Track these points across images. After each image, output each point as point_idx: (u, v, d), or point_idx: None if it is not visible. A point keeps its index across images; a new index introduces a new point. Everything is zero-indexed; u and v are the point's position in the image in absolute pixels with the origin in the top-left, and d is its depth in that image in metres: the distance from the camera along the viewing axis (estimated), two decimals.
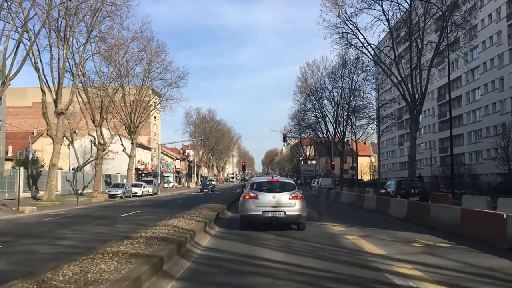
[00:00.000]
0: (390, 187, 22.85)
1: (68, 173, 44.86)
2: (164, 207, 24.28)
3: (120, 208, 24.59)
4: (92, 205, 29.24)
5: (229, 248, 9.13)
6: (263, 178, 14.30)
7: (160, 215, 17.57)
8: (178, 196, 43.07)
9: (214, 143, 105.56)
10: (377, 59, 32.44)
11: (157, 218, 15.11)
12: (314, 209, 19.61)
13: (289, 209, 11.68)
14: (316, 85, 60.25)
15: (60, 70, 31.08)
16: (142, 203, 30.02)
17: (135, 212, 20.37)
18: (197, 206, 17.29)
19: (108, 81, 40.05)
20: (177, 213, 14.30)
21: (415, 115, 30.53)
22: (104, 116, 39.51)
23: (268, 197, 11.84)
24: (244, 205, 12.10)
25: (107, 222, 15.62)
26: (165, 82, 49.31)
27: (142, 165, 70.11)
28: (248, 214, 11.96)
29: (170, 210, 20.71)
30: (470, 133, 60.48)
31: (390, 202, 17.57)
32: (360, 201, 22.71)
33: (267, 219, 11.76)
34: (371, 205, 20.19)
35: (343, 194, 28.12)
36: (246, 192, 12.50)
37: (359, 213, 19.16)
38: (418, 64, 30.56)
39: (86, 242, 10.17)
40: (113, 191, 39.60)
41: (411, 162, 30.01)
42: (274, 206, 11.67)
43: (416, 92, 30.66)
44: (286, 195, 11.88)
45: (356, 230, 12.31)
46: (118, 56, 40.17)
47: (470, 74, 59.45)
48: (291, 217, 11.79)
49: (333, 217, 16.46)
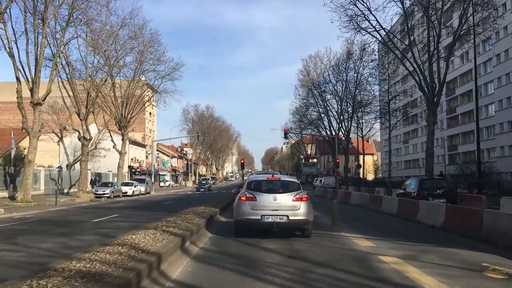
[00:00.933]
0: (410, 186, 19.67)
1: (52, 171, 41.65)
2: (148, 210, 21.15)
3: (99, 210, 21.49)
4: (72, 207, 26.16)
5: (212, 285, 5.94)
6: (262, 176, 12.24)
7: (138, 220, 14.69)
8: (171, 196, 39.93)
9: (213, 140, 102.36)
10: (390, 44, 29.09)
11: (132, 224, 12.67)
12: (323, 213, 16.55)
13: (292, 212, 9.90)
14: (319, 79, 56.97)
15: (38, 57, 27.89)
16: (128, 204, 26.95)
17: (111, 217, 17.20)
18: (185, 210, 14.43)
19: (95, 71, 36.67)
20: (160, 217, 11.77)
21: (433, 107, 27.31)
22: (90, 109, 36.26)
23: (268, 198, 10.09)
24: (240, 208, 10.27)
25: (68, 231, 12.48)
26: (158, 74, 46.08)
27: (136, 163, 66.89)
28: (244, 219, 10.16)
29: (153, 213, 17.76)
30: (482, 130, 57.10)
31: (418, 205, 14.38)
32: (376, 203, 19.53)
33: (266, 225, 9.95)
34: (392, 208, 17.01)
35: (354, 195, 24.90)
36: (242, 193, 10.62)
37: (379, 219, 15.98)
38: (436, 50, 27.34)
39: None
40: (100, 190, 36.46)
41: (429, 159, 26.83)
42: (275, 209, 9.91)
43: (433, 82, 27.45)
44: (289, 196, 10.11)
45: (390, 246, 9.13)
46: (106, 44, 36.84)
47: (483, 67, 56.24)
48: (295, 222, 10.01)
49: (349, 225, 13.33)
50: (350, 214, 17.41)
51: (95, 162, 59.35)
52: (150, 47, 43.84)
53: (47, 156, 62.75)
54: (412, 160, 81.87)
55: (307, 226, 10.19)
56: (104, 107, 44.41)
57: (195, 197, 35.56)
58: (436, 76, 27.86)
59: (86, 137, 35.99)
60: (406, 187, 20.28)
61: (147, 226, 9.32)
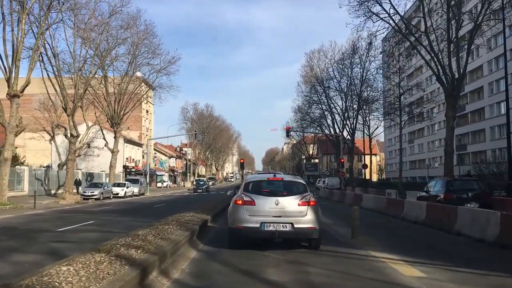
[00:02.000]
0: (435, 188, 16.96)
1: (38, 170, 38.93)
2: (132, 215, 18.46)
3: (78, 215, 18.85)
4: (51, 210, 23.52)
5: None
6: (262, 176, 10.40)
7: (111, 230, 12.21)
8: (166, 198, 37.25)
9: (212, 140, 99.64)
10: (405, 31, 26.29)
11: (101, 236, 10.44)
12: (336, 220, 13.89)
13: (298, 219, 8.30)
14: (323, 74, 54.21)
15: (17, 44, 25.20)
16: (114, 208, 24.33)
17: (84, 224, 14.54)
18: (170, 216, 11.93)
19: (83, 63, 33.84)
20: (139, 226, 10.11)
21: (452, 100, 24.60)
22: (78, 103, 33.51)
23: (269, 202, 8.45)
24: (235, 213, 8.59)
25: (13, 246, 9.74)
26: (153, 68, 43.34)
27: (132, 162, 64.16)
28: (240, 227, 8.43)
29: (135, 220, 15.39)
30: (494, 128, 54.45)
31: (457, 212, 11.64)
32: (395, 208, 16.79)
33: (267, 234, 8.34)
34: (417, 215, 14.29)
35: (366, 198, 22.12)
36: (239, 196, 8.85)
37: (406, 228, 13.23)
38: (456, 38, 24.64)
39: None
40: (88, 191, 33.78)
41: (448, 158, 24.10)
42: (277, 216, 8.31)
43: (452, 72, 24.76)
44: (294, 199, 8.50)
45: (449, 278, 6.33)
46: (95, 33, 34.12)
47: (494, 63, 53.50)
48: (301, 231, 8.36)
49: (374, 237, 10.68)
50: (367, 221, 14.69)
51: (88, 162, 56.79)
52: (145, 39, 41.24)
53: (40, 155, 60.24)
54: (418, 161, 79.08)
55: (315, 235, 8.50)
56: (95, 102, 41.77)
57: (191, 199, 33.00)
58: (455, 66, 25.14)
59: (73, 134, 33.26)
60: (429, 189, 17.56)
61: (101, 246, 6.59)
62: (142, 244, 6.77)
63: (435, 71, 25.31)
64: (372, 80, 47.39)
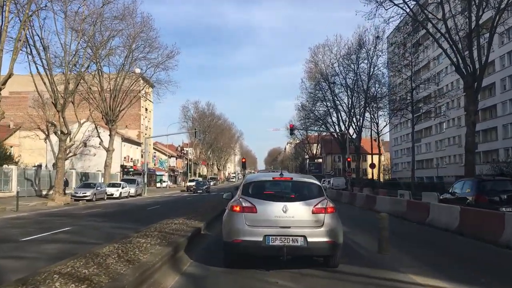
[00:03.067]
0: (463, 190, 14.82)
1: (28, 170, 36.89)
2: (119, 219, 16.39)
3: (59, 219, 16.90)
4: (36, 213, 21.57)
5: None
6: (265, 175, 8.29)
7: (85, 241, 10.61)
8: (163, 199, 35.21)
9: (214, 139, 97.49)
10: (422, 17, 24.09)
11: (68, 249, 8.68)
12: (353, 227, 11.86)
13: (312, 231, 6.41)
14: (327, 70, 52.02)
15: (1, 33, 23.18)
16: (103, 211, 22.35)
17: (58, 231, 12.54)
18: (161, 221, 10.44)
19: (74, 55, 31.70)
20: (120, 234, 9.11)
21: (473, 92, 22.43)
22: (69, 98, 31.46)
23: (275, 209, 6.51)
24: (232, 223, 6.63)
25: None
26: (150, 63, 41.30)
27: (130, 162, 62.13)
28: (238, 241, 6.45)
29: (120, 225, 13.55)
30: (506, 126, 52.13)
31: (504, 220, 9.51)
32: (419, 212, 14.61)
33: (272, 250, 6.34)
34: (449, 222, 12.13)
35: (380, 200, 19.91)
36: (236, 200, 6.91)
37: (439, 238, 11.04)
38: (477, 24, 22.48)
39: None
40: (80, 192, 31.73)
41: (470, 156, 21.91)
42: (285, 226, 6.41)
43: (473, 61, 22.60)
44: (307, 205, 6.59)
45: None
46: (87, 24, 32.08)
47: (507, 58, 51.19)
48: (317, 246, 6.40)
49: (404, 251, 8.53)
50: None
51: (84, 161, 54.89)
52: (141, 32, 39.24)
53: (36, 154, 58.41)
54: (425, 160, 76.76)
55: (334, 251, 6.60)
56: (90, 99, 39.77)
57: (189, 201, 30.99)
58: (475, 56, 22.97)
59: (63, 131, 31.27)
60: (456, 191, 15.42)
61: (31, 277, 4.49)
62: (94, 271, 4.69)
63: (454, 61, 23.13)
64: (380, 76, 45.24)
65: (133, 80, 41.76)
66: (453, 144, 65.50)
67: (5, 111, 71.91)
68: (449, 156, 67.21)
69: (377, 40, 44.87)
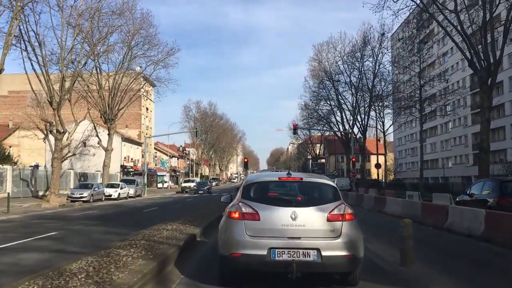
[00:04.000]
0: (483, 191, 13.66)
1: (24, 170, 35.85)
2: (111, 223, 15.30)
3: (49, 223, 15.93)
4: (27, 215, 20.60)
5: None
6: (269, 175, 7.08)
7: (68, 248, 9.52)
8: (162, 200, 34.17)
9: (216, 139, 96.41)
10: (433, 9, 22.91)
11: (45, 260, 7.63)
12: (363, 231, 10.53)
13: (328, 243, 5.27)
14: (331, 68, 50.85)
15: None
16: (98, 213, 21.37)
17: (43, 237, 11.49)
18: (153, 226, 9.70)
19: (70, 49, 30.61)
20: (107, 240, 8.49)
21: (487, 88, 21.26)
22: (65, 96, 30.41)
23: (282, 216, 5.36)
24: (230, 233, 5.48)
25: None
26: (150, 60, 40.23)
27: (130, 162, 61.08)
28: (237, 255, 5.28)
29: (109, 231, 12.38)
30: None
31: None
32: (436, 215, 13.41)
33: (279, 266, 5.21)
34: (472, 227, 10.96)
35: (392, 202, 18.69)
36: (234, 205, 5.69)
37: (465, 246, 9.87)
38: (490, 18, 21.32)
39: None
40: (76, 193, 30.69)
41: (484, 156, 20.75)
42: (294, 237, 5.27)
43: (488, 56, 21.42)
44: (321, 212, 5.41)
45: None
46: (84, 19, 31.03)
47: None
48: (333, 261, 5.23)
49: (429, 262, 7.42)
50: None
51: (84, 161, 53.84)
52: (141, 29, 38.19)
53: (35, 154, 57.42)
54: (430, 161, 75.39)
55: (354, 267, 5.48)
56: (88, 97, 38.73)
57: (188, 202, 29.91)
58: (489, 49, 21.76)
59: (59, 130, 30.26)
60: (474, 192, 14.27)
61: None
62: None
63: (467, 55, 21.97)
64: (386, 74, 44.10)
65: (132, 78, 40.66)
66: (459, 144, 64.22)
67: (4, 110, 71.31)
68: (455, 156, 65.94)
69: (383, 37, 43.80)
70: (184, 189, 52.47)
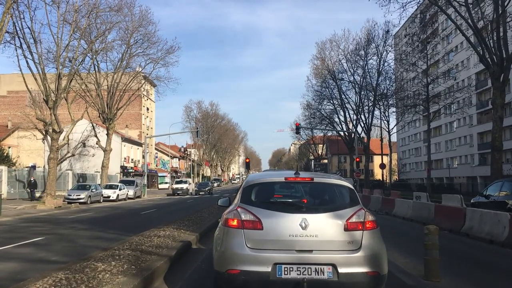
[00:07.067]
0: (501, 193, 12.71)
1: (20, 171, 35.02)
2: (105, 226, 14.42)
3: (35, 227, 15.14)
4: (19, 218, 19.83)
5: None
6: (273, 175, 5.70)
7: (48, 257, 8.63)
8: (161, 202, 33.35)
9: (217, 140, 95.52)
10: (442, 1, 21.94)
11: (18, 272, 6.73)
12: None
13: (346, 258, 4.32)
14: (334, 67, 49.91)
15: None
16: (93, 215, 20.52)
17: (25, 243, 10.67)
18: (146, 231, 8.95)
19: (67, 45, 29.70)
20: (95, 247, 7.24)
21: (500, 84, 20.31)
22: (61, 94, 29.53)
23: (290, 224, 4.41)
24: (227, 245, 4.52)
25: None
26: (149, 58, 39.35)
27: (130, 162, 60.26)
28: (235, 271, 4.31)
29: (101, 236, 11.51)
30: None
31: None
32: (451, 218, 12.45)
33: (287, 286, 4.22)
34: (493, 232, 10.03)
35: (401, 203, 17.72)
36: (232, 211, 4.72)
37: (488, 253, 8.98)
38: (502, 11, 20.37)
39: None
40: (73, 194, 29.84)
41: (497, 155, 19.77)
42: (305, 251, 4.33)
43: (501, 51, 20.47)
44: (337, 219, 4.48)
45: None
46: (80, 15, 30.17)
47: None
48: (352, 279, 4.25)
49: (455, 274, 6.50)
50: (412, 238, 10.51)
51: (83, 162, 53.02)
52: (140, 26, 37.34)
53: (34, 155, 56.60)
54: (434, 161, 74.31)
55: (377, 286, 4.43)
56: (86, 96, 37.88)
57: (188, 204, 29.04)
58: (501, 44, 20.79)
59: (55, 129, 29.36)
60: (491, 193, 13.32)
61: None
62: None
63: (479, 50, 21.02)
64: (390, 72, 43.16)
65: (131, 77, 39.79)
66: (464, 144, 63.18)
67: (3, 110, 70.47)
68: (460, 156, 64.91)
69: (387, 35, 42.91)
70: (176, 191, 45.94)
